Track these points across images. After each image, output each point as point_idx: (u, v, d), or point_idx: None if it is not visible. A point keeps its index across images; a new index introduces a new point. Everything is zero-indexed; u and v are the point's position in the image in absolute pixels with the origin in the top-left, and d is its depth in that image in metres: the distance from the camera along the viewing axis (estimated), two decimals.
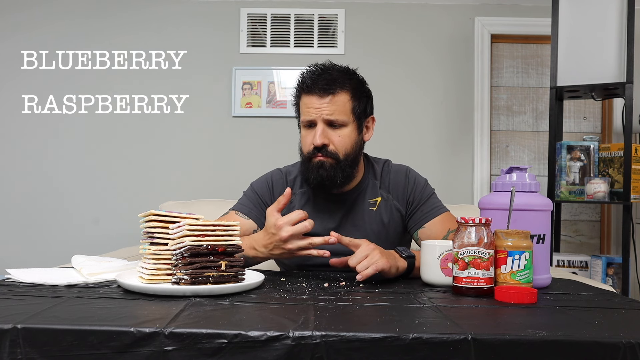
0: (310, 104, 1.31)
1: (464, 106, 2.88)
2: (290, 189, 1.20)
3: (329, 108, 1.30)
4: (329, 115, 1.30)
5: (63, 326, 0.72)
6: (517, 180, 1.11)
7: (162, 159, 2.84)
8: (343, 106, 1.32)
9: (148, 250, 1.03)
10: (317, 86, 1.30)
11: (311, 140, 1.32)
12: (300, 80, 1.35)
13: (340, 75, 1.33)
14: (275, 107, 2.86)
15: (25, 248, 2.82)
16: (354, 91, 1.34)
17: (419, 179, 1.45)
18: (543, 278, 1.09)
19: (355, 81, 1.36)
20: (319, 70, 1.34)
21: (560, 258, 2.48)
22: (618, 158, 2.38)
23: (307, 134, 1.35)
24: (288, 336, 0.70)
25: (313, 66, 1.36)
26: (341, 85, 1.32)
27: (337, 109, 1.31)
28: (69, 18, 2.87)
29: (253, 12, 2.88)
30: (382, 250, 1.15)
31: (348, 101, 1.33)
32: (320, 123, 1.31)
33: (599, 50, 2.32)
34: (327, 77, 1.31)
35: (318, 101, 1.30)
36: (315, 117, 1.31)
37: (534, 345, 0.70)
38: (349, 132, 1.33)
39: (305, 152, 1.35)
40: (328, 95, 1.30)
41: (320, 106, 1.30)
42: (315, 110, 1.31)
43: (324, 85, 1.30)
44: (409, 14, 2.89)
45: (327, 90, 1.30)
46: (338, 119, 1.31)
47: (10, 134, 2.84)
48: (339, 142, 1.32)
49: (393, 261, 1.14)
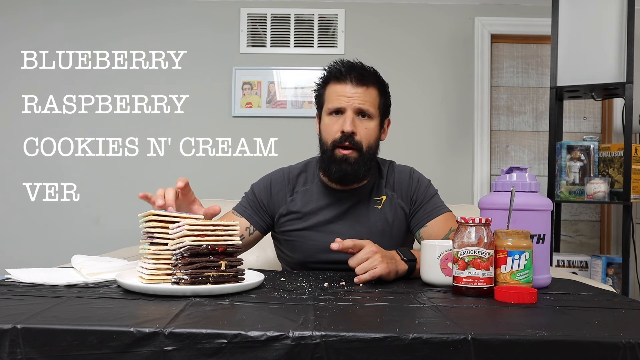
0: (342, 91, 1.33)
1: (464, 106, 2.88)
2: (184, 180, 1.16)
3: (361, 97, 1.33)
4: (361, 104, 1.33)
5: (63, 326, 0.72)
6: (517, 180, 1.11)
7: (162, 159, 2.84)
8: (374, 99, 1.36)
9: (148, 250, 1.02)
10: (350, 74, 1.33)
11: (338, 128, 1.33)
12: (330, 70, 1.38)
13: (370, 72, 1.37)
14: (275, 107, 2.86)
15: (25, 248, 2.83)
16: (382, 89, 1.39)
17: (422, 179, 1.46)
18: (543, 278, 1.09)
19: (381, 80, 1.41)
20: (349, 63, 1.37)
21: (560, 258, 2.48)
22: (618, 158, 2.38)
23: (333, 122, 1.35)
24: (288, 336, 0.70)
25: (339, 60, 1.39)
26: (372, 80, 1.36)
27: (369, 100, 1.34)
28: (69, 18, 2.87)
29: (253, 12, 2.88)
30: (384, 253, 1.14)
31: (377, 96, 1.37)
32: (350, 112, 1.33)
33: (599, 50, 2.32)
34: (358, 69, 1.35)
35: (351, 90, 1.33)
36: (346, 105, 1.33)
37: (534, 345, 0.70)
38: (374, 126, 1.37)
39: (329, 140, 1.35)
40: (362, 86, 1.34)
41: (353, 95, 1.33)
42: (347, 98, 1.33)
43: (358, 76, 1.33)
44: (409, 14, 2.90)
45: (362, 81, 1.34)
46: (369, 109, 1.34)
47: (10, 134, 2.84)
48: (365, 134, 1.34)
49: (393, 265, 1.13)
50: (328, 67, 1.39)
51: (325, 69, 1.40)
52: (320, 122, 1.40)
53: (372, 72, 1.38)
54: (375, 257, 1.11)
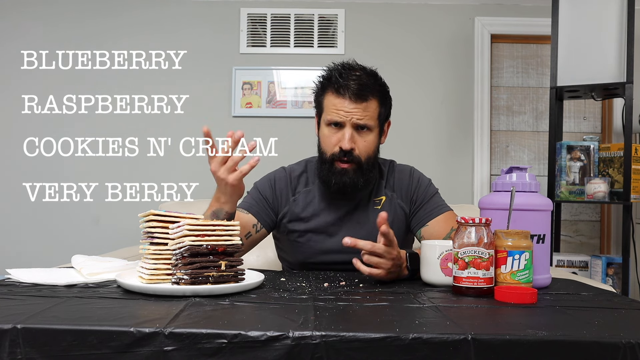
0: (341, 106, 1.30)
1: (464, 106, 2.88)
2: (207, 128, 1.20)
3: (360, 114, 1.29)
4: (359, 120, 1.30)
5: (63, 326, 0.72)
6: (517, 180, 1.11)
7: (162, 159, 2.84)
8: (373, 112, 1.32)
9: (148, 250, 1.02)
10: (349, 89, 1.29)
11: (336, 142, 1.31)
12: (328, 77, 1.33)
13: (370, 80, 1.32)
14: (276, 107, 2.86)
15: (25, 248, 2.83)
16: (382, 97, 1.34)
17: (422, 178, 1.45)
18: (543, 278, 1.09)
19: (382, 86, 1.36)
20: (349, 71, 1.32)
21: (560, 258, 2.48)
22: (618, 158, 2.38)
23: (331, 134, 1.33)
24: (288, 336, 0.70)
25: (339, 65, 1.34)
26: (372, 92, 1.31)
27: (368, 115, 1.30)
28: (69, 18, 2.87)
29: (253, 12, 2.88)
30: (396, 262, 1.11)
31: (377, 108, 1.33)
32: (349, 127, 1.30)
33: (599, 50, 2.31)
34: (358, 80, 1.30)
35: (350, 105, 1.29)
36: (345, 119, 1.30)
37: (534, 345, 0.70)
38: (373, 138, 1.34)
39: (328, 152, 1.34)
40: (362, 102, 1.29)
41: (352, 110, 1.29)
42: (345, 113, 1.29)
43: (357, 90, 1.28)
44: (409, 14, 2.89)
45: (360, 96, 1.29)
46: (368, 123, 1.31)
47: (10, 134, 2.84)
48: (363, 147, 1.32)
49: (394, 275, 1.12)
50: (327, 72, 1.35)
51: (324, 72, 1.35)
52: (320, 127, 1.38)
53: (372, 81, 1.32)
54: (387, 262, 1.09)
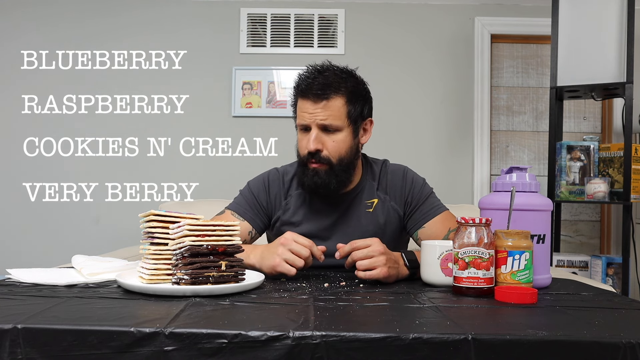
0: (305, 108, 1.30)
1: (464, 106, 2.88)
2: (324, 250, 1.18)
3: (322, 113, 1.29)
4: (323, 121, 1.29)
5: (63, 326, 0.72)
6: (517, 180, 1.11)
7: (162, 159, 2.84)
8: (337, 111, 1.30)
9: (148, 250, 1.03)
10: (311, 90, 1.29)
11: (306, 145, 1.31)
12: (297, 83, 1.34)
13: (335, 79, 1.30)
14: (275, 107, 2.86)
15: (25, 248, 2.83)
16: (350, 95, 1.32)
17: (416, 179, 1.44)
18: (543, 278, 1.09)
19: (352, 83, 1.33)
20: (315, 73, 1.31)
21: (560, 258, 2.48)
22: (618, 158, 2.38)
23: (302, 138, 1.34)
24: (288, 336, 0.70)
25: (310, 67, 1.34)
26: (336, 90, 1.29)
27: (332, 114, 1.29)
28: (69, 18, 2.87)
29: (253, 12, 2.88)
30: (389, 256, 1.12)
31: (343, 106, 1.31)
32: (315, 128, 1.30)
33: (599, 50, 2.31)
34: (321, 80, 1.29)
35: (312, 106, 1.29)
36: (310, 122, 1.30)
37: (534, 345, 0.70)
38: (343, 137, 1.32)
39: (301, 155, 1.35)
40: (322, 101, 1.29)
41: (314, 111, 1.29)
42: (309, 115, 1.30)
43: (318, 90, 1.28)
44: (409, 14, 2.89)
45: (321, 96, 1.28)
46: (332, 124, 1.30)
47: (10, 134, 2.84)
48: (332, 148, 1.31)
49: (394, 270, 1.13)
50: (296, 78, 1.35)
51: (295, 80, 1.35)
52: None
53: (338, 76, 1.31)
54: (379, 258, 1.10)
